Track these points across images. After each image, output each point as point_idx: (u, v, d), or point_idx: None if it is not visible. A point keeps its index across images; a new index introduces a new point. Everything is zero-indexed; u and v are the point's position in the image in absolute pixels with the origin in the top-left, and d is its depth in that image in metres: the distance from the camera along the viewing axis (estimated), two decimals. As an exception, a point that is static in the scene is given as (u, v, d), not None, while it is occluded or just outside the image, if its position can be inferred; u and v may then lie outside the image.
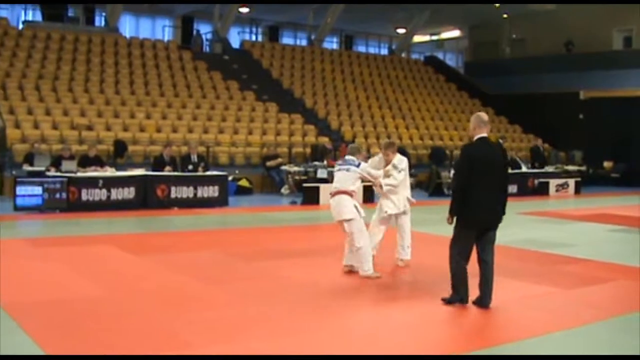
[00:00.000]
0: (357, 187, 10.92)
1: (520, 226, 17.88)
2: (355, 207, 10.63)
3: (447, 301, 8.78)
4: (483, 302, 8.68)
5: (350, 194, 10.69)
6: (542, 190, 27.57)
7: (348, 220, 10.54)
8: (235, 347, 6.95)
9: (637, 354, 7.30)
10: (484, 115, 8.92)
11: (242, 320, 7.96)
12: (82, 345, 6.87)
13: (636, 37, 37.72)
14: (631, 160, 32.35)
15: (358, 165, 10.79)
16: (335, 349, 7.03)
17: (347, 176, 10.76)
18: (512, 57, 42.74)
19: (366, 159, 11.70)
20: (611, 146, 32.50)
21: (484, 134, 8.76)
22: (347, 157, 11.02)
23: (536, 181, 27.87)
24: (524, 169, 28.30)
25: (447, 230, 9.38)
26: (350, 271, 10.62)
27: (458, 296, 8.73)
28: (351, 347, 7.07)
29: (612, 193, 29.12)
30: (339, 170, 10.94)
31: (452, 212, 8.82)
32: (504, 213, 8.99)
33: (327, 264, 11.35)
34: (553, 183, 28.10)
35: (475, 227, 8.77)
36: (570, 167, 30.48)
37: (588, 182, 29.88)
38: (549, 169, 29.70)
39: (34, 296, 8.75)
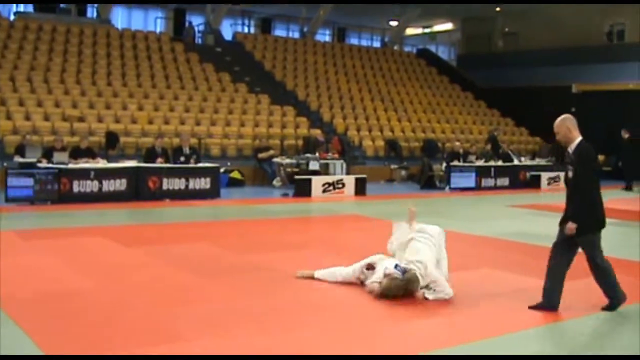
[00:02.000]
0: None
1: (511, 219, 17.94)
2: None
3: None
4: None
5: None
6: (534, 184, 27.62)
7: None
8: (227, 339, 6.95)
9: (632, 347, 7.33)
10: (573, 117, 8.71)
11: (234, 313, 7.96)
12: (74, 337, 6.86)
13: (628, 30, 37.74)
14: (623, 153, 32.38)
15: (404, 273, 8.56)
16: (327, 343, 7.04)
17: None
18: (505, 51, 42.73)
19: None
20: (603, 139, 32.51)
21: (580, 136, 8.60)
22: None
23: (528, 174, 27.93)
24: (515, 161, 28.35)
25: (437, 223, 9.40)
26: None
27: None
28: (343, 343, 7.08)
29: (603, 186, 29.00)
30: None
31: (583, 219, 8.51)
32: None
33: (318, 257, 11.35)
34: (545, 176, 28.14)
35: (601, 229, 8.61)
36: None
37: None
38: (541, 162, 29.74)
39: (25, 289, 8.72)
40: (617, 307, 8.52)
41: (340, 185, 22.45)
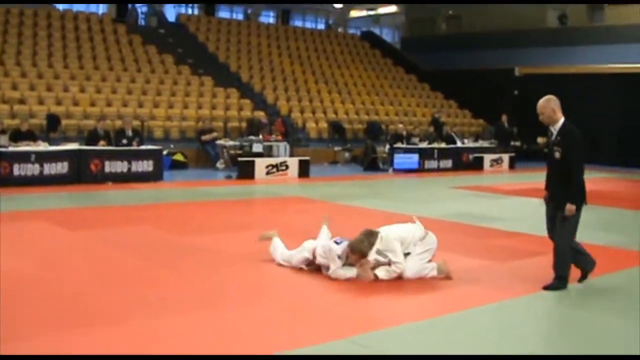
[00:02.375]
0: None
1: (454, 200, 18.10)
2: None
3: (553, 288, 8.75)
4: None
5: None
6: (476, 165, 27.87)
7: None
8: (170, 321, 6.96)
9: (571, 324, 7.47)
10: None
11: (176, 295, 7.97)
12: (12, 320, 6.81)
13: (571, 15, 38.16)
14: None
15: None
16: (270, 321, 7.07)
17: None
18: (449, 34, 42.96)
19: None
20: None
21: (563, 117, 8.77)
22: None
23: (471, 156, 28.16)
24: (458, 143, 28.57)
25: (380, 204, 9.47)
26: None
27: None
28: (285, 320, 7.12)
29: (544, 168, 29.45)
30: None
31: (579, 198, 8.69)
32: None
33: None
34: (487, 158, 28.43)
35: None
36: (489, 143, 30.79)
37: (522, 157, 30.27)
38: (484, 144, 30.00)
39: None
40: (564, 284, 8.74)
41: (283, 167, 22.46)
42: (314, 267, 9.17)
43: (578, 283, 8.91)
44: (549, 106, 8.81)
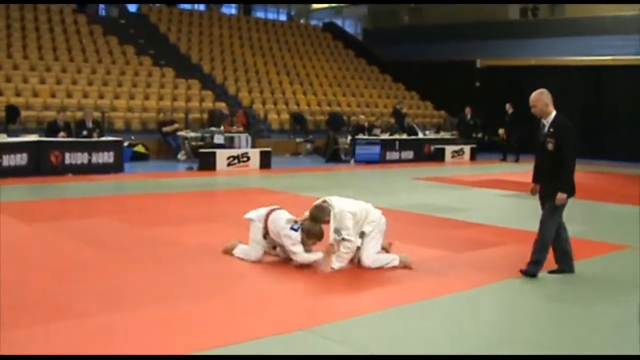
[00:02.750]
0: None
1: (415, 191, 18.19)
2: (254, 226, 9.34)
3: (550, 271, 9.09)
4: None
5: (266, 222, 9.28)
6: (438, 157, 28.02)
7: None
8: (129, 314, 6.94)
9: (528, 314, 7.54)
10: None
11: (135, 287, 7.96)
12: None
13: (532, 8, 38.44)
14: (525, 128, 33.08)
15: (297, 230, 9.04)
16: (229, 313, 7.08)
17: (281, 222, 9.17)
18: (410, 25, 43.07)
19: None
20: (504, 113, 33.16)
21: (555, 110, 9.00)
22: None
23: (432, 147, 28.30)
24: (420, 135, 28.69)
25: (341, 195, 9.49)
26: None
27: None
28: (245, 314, 7.12)
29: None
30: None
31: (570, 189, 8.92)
32: None
33: (222, 230, 11.36)
34: (449, 149, 28.60)
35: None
36: (451, 135, 30.95)
37: (483, 149, 30.45)
38: (445, 135, 30.16)
39: None
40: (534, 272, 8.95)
41: (245, 159, 22.45)
42: (275, 251, 9.34)
43: (547, 273, 9.03)
44: (542, 99, 8.97)
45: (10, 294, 7.52)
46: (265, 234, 9.25)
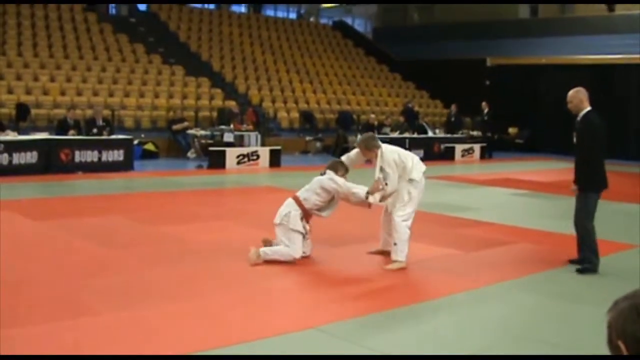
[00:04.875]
0: (317, 202, 9.45)
1: (425, 190, 18.11)
2: (288, 215, 9.25)
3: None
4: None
5: (299, 202, 9.36)
6: (448, 155, 27.96)
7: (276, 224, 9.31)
8: (140, 311, 6.94)
9: (540, 313, 7.52)
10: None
11: (146, 285, 7.96)
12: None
13: (542, 6, 38.36)
14: (535, 126, 33.15)
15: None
16: (237, 313, 7.07)
17: (312, 184, 9.54)
18: (420, 24, 43.04)
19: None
20: (516, 112, 33.13)
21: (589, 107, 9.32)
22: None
23: (442, 146, 28.26)
24: (430, 133, 28.66)
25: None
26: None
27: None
28: (255, 312, 7.12)
29: (516, 158, 29.73)
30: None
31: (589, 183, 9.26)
32: None
33: (232, 228, 11.38)
34: (459, 148, 28.54)
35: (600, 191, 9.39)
36: (476, 133, 30.92)
37: (493, 147, 30.40)
38: (455, 134, 30.15)
39: None
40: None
41: (254, 157, 22.45)
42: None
43: (569, 263, 9.38)
44: (578, 96, 9.34)
45: (21, 291, 7.54)
46: (302, 216, 9.27)
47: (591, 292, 8.34)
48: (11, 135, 18.80)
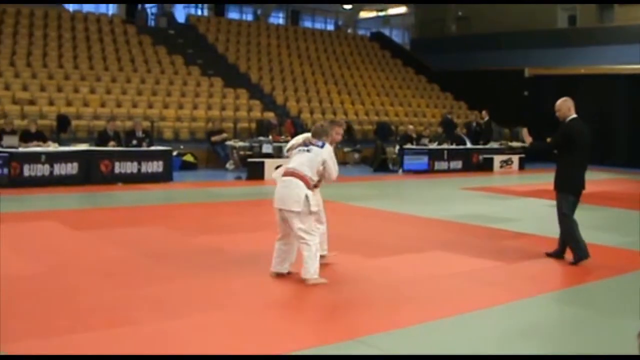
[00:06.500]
0: (316, 173, 9.00)
1: (464, 201, 18.07)
2: (307, 197, 8.72)
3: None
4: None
5: (305, 179, 8.82)
6: (486, 166, 27.81)
7: (293, 212, 8.76)
8: (179, 321, 6.96)
9: (575, 324, 7.45)
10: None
11: (185, 295, 7.98)
12: (23, 320, 6.83)
13: (580, 15, 38.06)
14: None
15: (322, 146, 9.00)
16: (276, 322, 7.07)
17: (307, 158, 8.93)
18: (458, 34, 42.88)
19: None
20: (554, 123, 32.83)
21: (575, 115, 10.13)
22: (312, 139, 9.15)
23: (480, 157, 28.12)
24: (468, 144, 28.53)
25: (390, 205, 9.47)
26: (279, 275, 9.00)
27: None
28: (292, 321, 7.12)
29: (555, 169, 29.46)
30: (299, 151, 9.06)
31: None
32: None
33: (270, 239, 11.35)
34: (497, 159, 28.38)
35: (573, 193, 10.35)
36: (514, 144, 30.73)
37: (532, 158, 30.19)
38: (494, 145, 29.97)
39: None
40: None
41: (293, 168, 22.41)
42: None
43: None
44: (565, 105, 10.20)
45: (64, 301, 7.60)
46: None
47: (632, 305, 8.24)
48: (52, 147, 18.99)
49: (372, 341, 6.57)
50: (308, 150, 8.94)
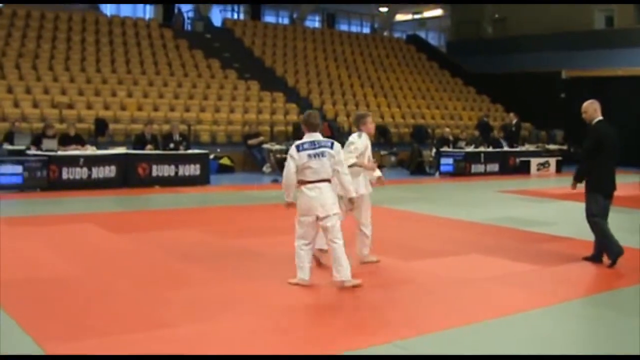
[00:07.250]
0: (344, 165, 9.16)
1: (501, 204, 17.98)
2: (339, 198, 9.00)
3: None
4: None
5: (330, 181, 8.92)
6: (523, 169, 27.65)
7: (335, 215, 8.80)
8: (214, 325, 6.98)
9: (611, 328, 7.39)
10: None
11: (221, 298, 8.00)
12: (60, 322, 6.90)
13: (617, 16, 37.73)
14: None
15: (332, 146, 9.04)
16: (312, 324, 7.08)
17: (323, 163, 8.93)
18: (494, 37, 42.68)
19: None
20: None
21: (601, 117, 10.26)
22: (314, 136, 9.22)
23: (517, 160, 27.96)
24: (505, 147, 28.40)
25: (426, 208, 9.45)
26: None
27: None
28: (332, 325, 7.11)
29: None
30: (314, 157, 8.98)
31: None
32: None
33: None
34: (534, 162, 28.20)
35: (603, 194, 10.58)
36: (552, 146, 30.56)
37: (569, 161, 29.99)
38: (530, 147, 29.81)
39: (13, 275, 8.70)
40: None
41: (330, 171, 22.41)
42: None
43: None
44: (592, 107, 10.28)
45: (100, 302, 7.67)
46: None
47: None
48: (90, 150, 19.14)
49: (408, 345, 6.55)
50: (322, 155, 8.98)
